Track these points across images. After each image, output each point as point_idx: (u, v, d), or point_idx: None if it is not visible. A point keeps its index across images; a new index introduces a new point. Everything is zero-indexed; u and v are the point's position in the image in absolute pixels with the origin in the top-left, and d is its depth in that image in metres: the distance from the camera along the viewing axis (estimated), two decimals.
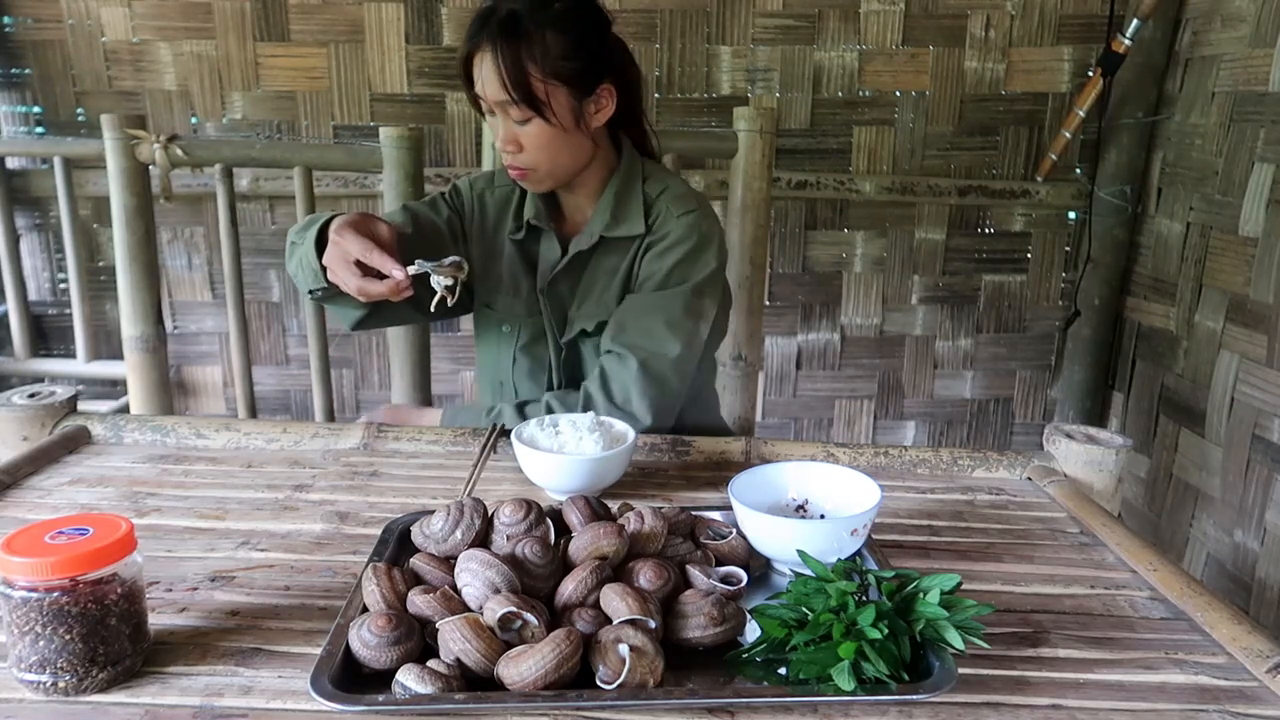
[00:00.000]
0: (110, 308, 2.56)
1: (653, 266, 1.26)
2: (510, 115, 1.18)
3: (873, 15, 2.46)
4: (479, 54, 1.16)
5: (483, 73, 1.16)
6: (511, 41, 1.13)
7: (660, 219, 1.28)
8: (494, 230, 1.35)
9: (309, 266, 1.11)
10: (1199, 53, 2.23)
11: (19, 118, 2.46)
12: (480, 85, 1.17)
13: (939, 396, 2.78)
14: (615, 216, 1.28)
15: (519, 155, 1.21)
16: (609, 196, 1.29)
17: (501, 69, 1.13)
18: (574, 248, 1.29)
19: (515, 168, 1.23)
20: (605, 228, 1.27)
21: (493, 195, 1.36)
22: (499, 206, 1.36)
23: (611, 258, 1.30)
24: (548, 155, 1.21)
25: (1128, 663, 0.71)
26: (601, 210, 1.28)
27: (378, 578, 0.71)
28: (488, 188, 1.37)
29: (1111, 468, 1.06)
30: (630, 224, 1.28)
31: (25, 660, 0.62)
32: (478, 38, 1.15)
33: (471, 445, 1.13)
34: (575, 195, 1.32)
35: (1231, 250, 2.10)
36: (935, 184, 2.55)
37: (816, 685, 0.64)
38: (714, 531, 0.84)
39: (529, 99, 1.15)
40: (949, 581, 0.69)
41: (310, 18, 2.41)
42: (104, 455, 1.08)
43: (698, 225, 1.27)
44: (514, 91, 1.14)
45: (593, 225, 1.29)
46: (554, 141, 1.20)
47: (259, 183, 2.46)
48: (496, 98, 1.16)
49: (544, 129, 1.18)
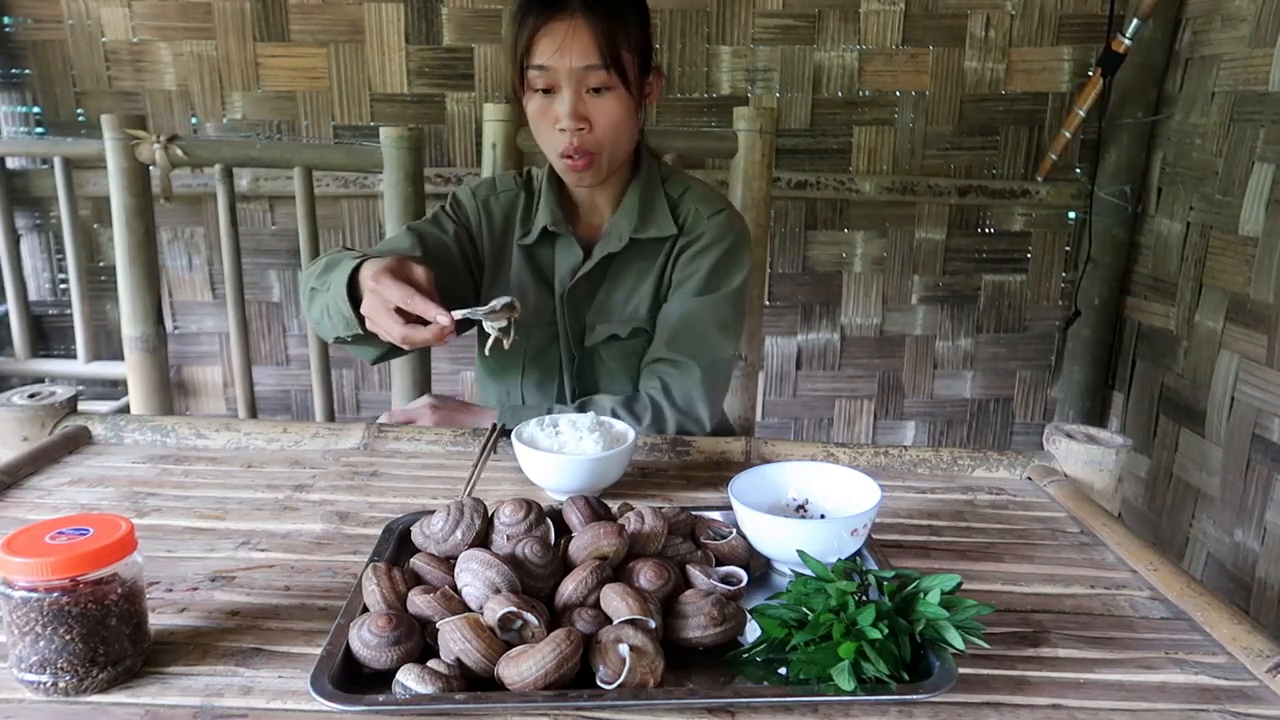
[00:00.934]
0: (110, 308, 2.56)
1: (690, 268, 1.25)
2: (586, 85, 1.14)
3: (873, 15, 2.46)
4: (558, 21, 1.11)
5: (564, 40, 1.11)
6: (604, 5, 1.12)
7: (690, 220, 1.27)
8: (501, 237, 1.32)
9: (339, 314, 1.06)
10: (1199, 52, 2.23)
11: (19, 118, 2.46)
12: (551, 55, 1.12)
13: (939, 396, 2.78)
14: (642, 218, 1.25)
15: (588, 135, 1.16)
16: (633, 198, 1.26)
17: (598, 32, 1.11)
18: (600, 251, 1.26)
19: (582, 152, 1.17)
20: (634, 230, 1.25)
21: (497, 201, 1.32)
22: (504, 212, 1.32)
23: (638, 261, 1.27)
24: (614, 135, 1.17)
25: (1128, 663, 0.71)
26: (627, 212, 1.26)
27: (378, 578, 0.71)
28: (491, 194, 1.33)
29: (1111, 468, 1.06)
30: (659, 226, 1.26)
31: (25, 660, 0.62)
32: (556, 6, 1.11)
33: (471, 445, 1.13)
34: (594, 197, 1.29)
35: (1231, 250, 2.10)
36: (935, 184, 2.55)
37: (816, 685, 0.64)
38: (714, 531, 0.84)
39: (619, 65, 1.13)
40: (949, 581, 0.69)
41: (310, 18, 2.41)
42: (104, 455, 1.08)
43: (730, 225, 1.27)
44: (607, 55, 1.11)
45: (618, 228, 1.26)
46: (624, 120, 1.17)
47: (259, 183, 2.46)
48: (583, 63, 1.12)
49: (617, 105, 1.15)
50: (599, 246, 1.27)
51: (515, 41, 1.15)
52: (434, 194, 2.43)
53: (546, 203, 1.27)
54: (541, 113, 1.17)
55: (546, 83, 1.15)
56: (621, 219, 1.27)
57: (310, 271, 1.15)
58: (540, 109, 1.17)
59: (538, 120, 1.18)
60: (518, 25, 1.14)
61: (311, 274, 1.14)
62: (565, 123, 1.15)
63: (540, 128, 1.19)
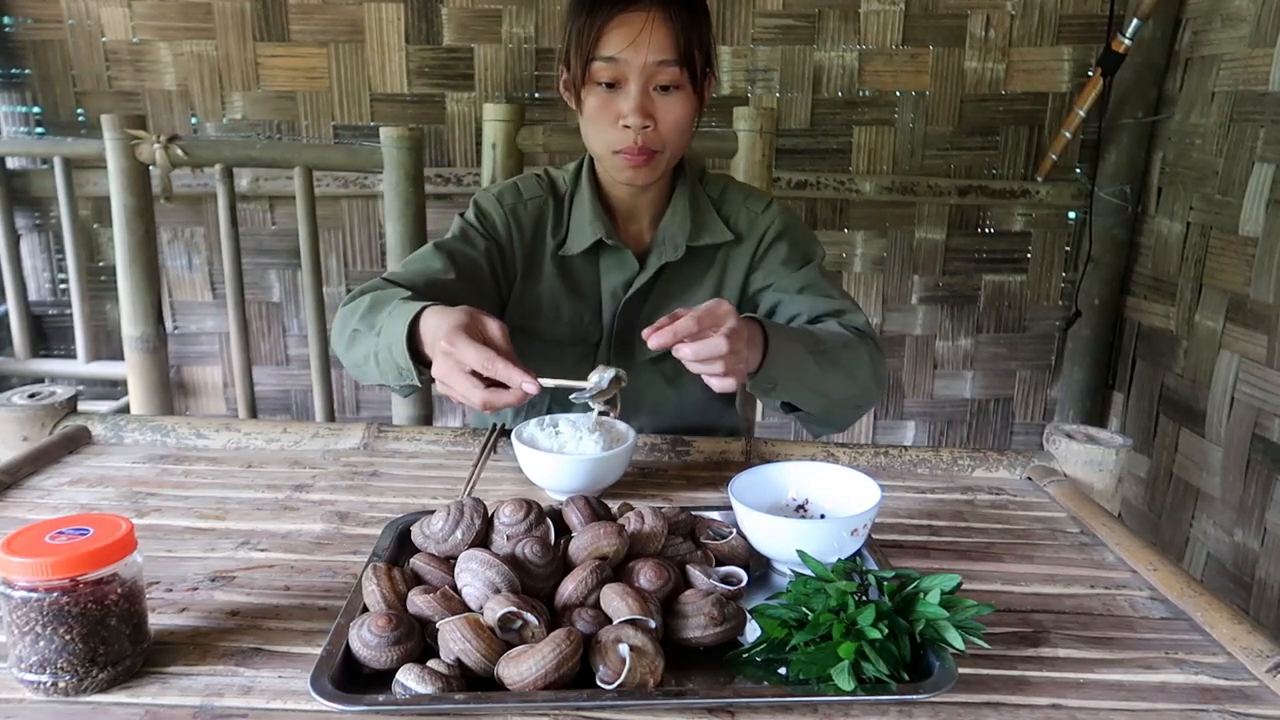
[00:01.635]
0: (110, 308, 2.56)
1: (774, 264, 1.22)
2: (655, 82, 1.09)
3: (873, 15, 2.46)
4: (635, 12, 1.07)
5: (640, 33, 1.07)
6: (682, 2, 1.09)
7: (744, 221, 1.24)
8: (531, 247, 1.23)
9: (391, 365, 0.96)
10: (1199, 52, 2.23)
11: (19, 118, 2.46)
12: (624, 49, 1.07)
13: (939, 396, 2.78)
14: (695, 224, 1.21)
15: (652, 133, 1.11)
16: (682, 202, 1.22)
17: (675, 27, 1.08)
18: (656, 261, 1.20)
19: (645, 150, 1.11)
20: (690, 236, 1.20)
21: (525, 209, 1.23)
22: (534, 221, 1.23)
23: (688, 269, 1.23)
24: (677, 135, 1.13)
25: (1128, 663, 0.71)
26: (679, 218, 1.21)
27: (378, 578, 0.71)
28: (518, 201, 1.23)
29: (1111, 468, 1.06)
30: (713, 232, 1.22)
31: (25, 660, 0.62)
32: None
33: (471, 445, 1.13)
34: (636, 202, 1.22)
35: (1231, 250, 2.10)
36: (935, 184, 2.55)
37: (816, 685, 0.64)
38: (714, 531, 0.84)
39: (690, 63, 1.10)
40: (949, 582, 0.69)
41: (310, 18, 2.41)
42: (104, 455, 1.08)
43: (784, 209, 1.26)
44: (681, 52, 1.08)
45: (672, 235, 1.21)
46: (687, 120, 1.13)
47: (259, 183, 2.46)
48: (657, 58, 1.08)
49: (684, 104, 1.12)
50: (654, 256, 1.21)
51: (581, 31, 1.09)
52: (434, 194, 2.44)
53: (594, 212, 1.20)
54: (602, 107, 1.12)
55: (613, 76, 1.10)
56: (674, 226, 1.21)
57: (350, 309, 1.05)
58: (601, 103, 1.11)
59: (596, 115, 1.12)
60: (584, 14, 1.09)
61: (353, 313, 1.04)
62: (632, 120, 1.10)
63: (598, 123, 1.13)
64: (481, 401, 0.87)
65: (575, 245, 1.21)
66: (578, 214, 1.22)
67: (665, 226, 1.22)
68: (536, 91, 2.48)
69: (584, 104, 1.14)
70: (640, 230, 1.25)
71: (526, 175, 1.29)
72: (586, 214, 1.20)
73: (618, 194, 1.22)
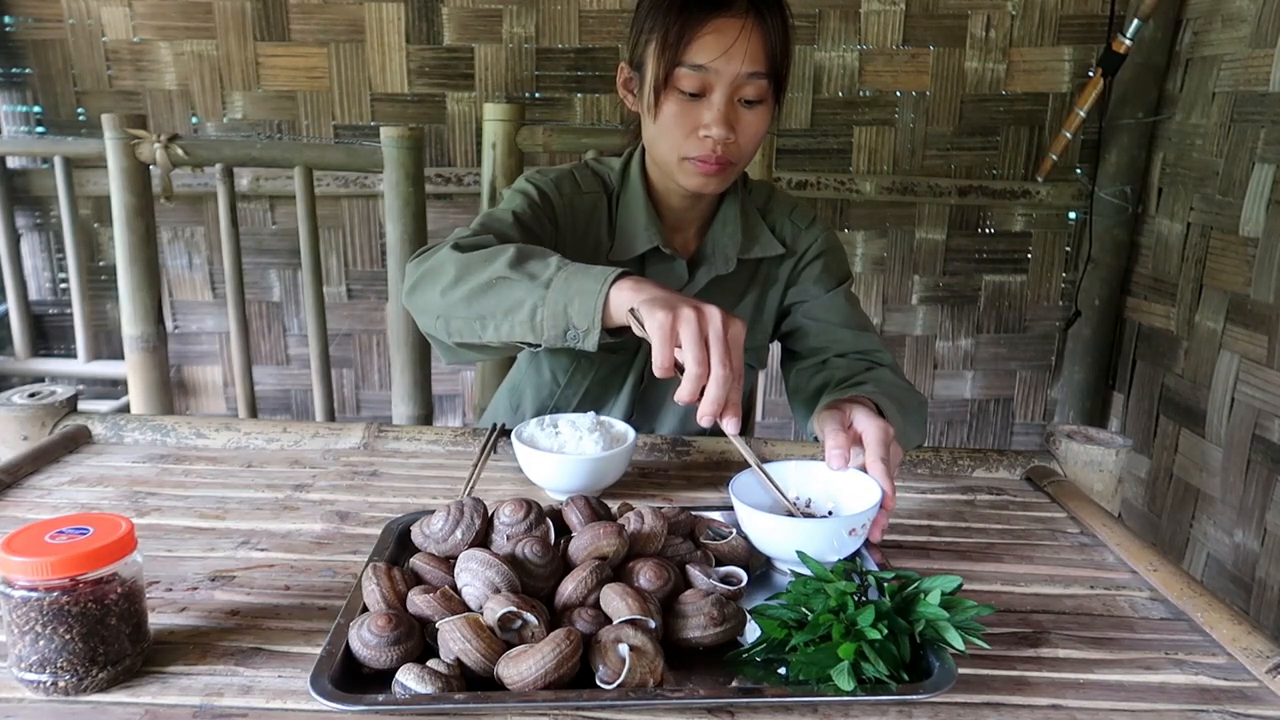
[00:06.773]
0: (110, 307, 2.56)
1: (808, 282, 1.22)
2: (741, 95, 1.05)
3: (873, 15, 2.46)
4: (730, 19, 1.02)
5: (734, 42, 1.02)
6: (776, 14, 1.05)
7: (788, 233, 1.23)
8: (581, 241, 1.18)
9: (567, 321, 0.86)
10: (1199, 53, 2.23)
11: (19, 117, 2.46)
12: (716, 57, 1.02)
13: (939, 396, 2.78)
14: (746, 237, 1.19)
15: (732, 144, 1.07)
16: (731, 213, 1.19)
17: (769, 39, 1.04)
18: (707, 274, 1.18)
19: (721, 160, 1.08)
20: (741, 249, 1.18)
21: (582, 202, 1.19)
22: (588, 216, 1.19)
23: (733, 281, 1.20)
24: (752, 149, 1.10)
25: (1128, 663, 0.71)
26: (729, 230, 1.19)
27: (378, 577, 0.71)
28: (576, 193, 1.18)
29: (1111, 468, 1.06)
30: (764, 245, 1.20)
31: (25, 660, 0.62)
32: (726, 4, 1.03)
33: (471, 445, 1.13)
34: (689, 212, 1.19)
35: (1232, 250, 2.10)
36: (935, 184, 2.55)
37: (816, 685, 0.64)
38: (714, 531, 0.84)
39: (777, 77, 1.07)
40: (950, 583, 0.69)
41: (310, 18, 2.41)
42: (104, 455, 1.08)
43: (825, 230, 1.25)
44: (771, 65, 1.05)
45: (723, 247, 1.19)
46: (763, 135, 1.10)
47: (259, 182, 2.46)
48: (750, 69, 1.03)
49: (763, 116, 1.08)
50: (704, 269, 1.18)
51: (667, 34, 1.04)
52: (434, 194, 2.44)
53: (649, 217, 1.16)
54: (681, 114, 1.06)
55: (699, 86, 1.04)
56: (724, 236, 1.19)
57: (476, 256, 0.94)
58: (681, 110, 1.06)
59: (672, 122, 1.07)
60: (673, 15, 1.04)
61: (485, 260, 0.92)
62: (715, 131, 1.05)
63: (673, 130, 1.07)
64: (695, 377, 0.77)
65: (626, 250, 1.16)
66: (626, 216, 1.18)
67: (715, 236, 1.19)
68: (537, 91, 2.48)
69: (660, 109, 1.08)
70: (686, 239, 1.22)
71: (580, 166, 1.23)
72: (638, 218, 1.16)
73: (671, 200, 1.18)
